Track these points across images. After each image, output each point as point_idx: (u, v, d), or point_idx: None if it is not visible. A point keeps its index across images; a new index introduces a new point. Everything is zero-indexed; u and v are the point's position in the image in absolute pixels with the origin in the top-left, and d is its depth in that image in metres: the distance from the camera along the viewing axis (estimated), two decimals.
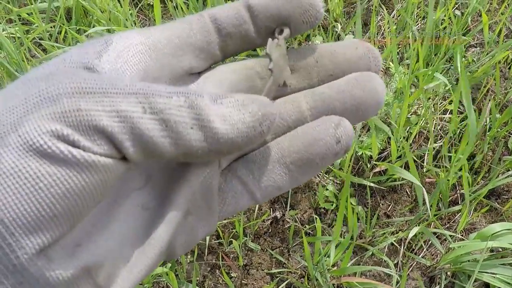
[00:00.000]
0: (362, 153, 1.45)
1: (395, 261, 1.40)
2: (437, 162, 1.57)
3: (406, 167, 1.55)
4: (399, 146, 1.46)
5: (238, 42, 0.38)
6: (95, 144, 0.27)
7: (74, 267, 0.27)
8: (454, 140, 1.57)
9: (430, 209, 1.35)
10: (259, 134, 0.31)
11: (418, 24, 1.87)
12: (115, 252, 0.31)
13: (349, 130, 0.34)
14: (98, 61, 0.31)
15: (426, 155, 1.56)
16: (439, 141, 1.60)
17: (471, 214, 1.46)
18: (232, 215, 0.36)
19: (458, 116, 1.62)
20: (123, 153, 0.28)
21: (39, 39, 1.75)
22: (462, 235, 1.44)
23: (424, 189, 1.34)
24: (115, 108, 0.27)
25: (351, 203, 1.46)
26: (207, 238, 1.29)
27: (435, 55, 1.71)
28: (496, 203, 1.52)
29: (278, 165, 0.36)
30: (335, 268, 1.33)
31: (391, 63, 1.61)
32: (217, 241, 1.38)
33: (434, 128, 1.59)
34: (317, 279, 1.28)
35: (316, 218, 1.36)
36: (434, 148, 1.50)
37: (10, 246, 0.24)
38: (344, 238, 1.30)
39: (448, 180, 1.41)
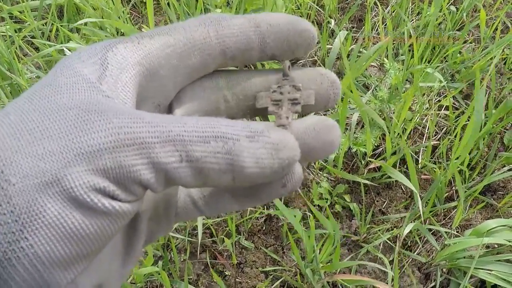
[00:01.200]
0: (357, 150, 1.44)
1: (390, 258, 1.39)
2: (432, 158, 1.57)
3: (401, 163, 1.54)
4: (393, 143, 1.46)
5: (237, 63, 0.38)
6: (132, 194, 0.29)
7: (91, 286, 0.31)
8: (450, 135, 1.56)
9: (425, 207, 1.34)
10: (277, 176, 0.32)
11: (413, 20, 1.86)
12: (109, 267, 0.34)
13: (297, 177, 0.34)
14: (100, 87, 0.31)
15: (421, 151, 1.55)
16: (433, 137, 1.59)
17: (466, 210, 1.45)
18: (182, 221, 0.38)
19: (454, 112, 1.61)
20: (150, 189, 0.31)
21: (31, 37, 1.74)
22: (457, 232, 1.43)
23: (420, 187, 1.33)
24: (152, 160, 0.28)
25: (345, 199, 1.45)
26: (200, 236, 1.28)
27: (431, 51, 1.70)
28: (492, 199, 1.52)
29: (227, 193, 0.37)
30: (328, 264, 1.32)
31: (385, 59, 1.60)
32: (211, 239, 1.37)
33: (429, 123, 1.58)
34: (309, 277, 1.27)
35: (309, 216, 1.35)
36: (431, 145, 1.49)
37: (45, 281, 0.27)
38: (336, 234, 1.29)
39: (445, 176, 1.40)
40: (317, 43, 1.77)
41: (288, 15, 0.38)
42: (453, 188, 1.50)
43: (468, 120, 1.62)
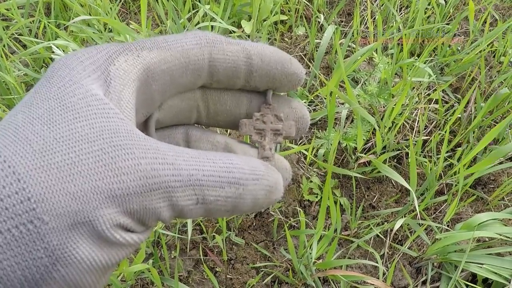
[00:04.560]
0: (347, 145, 1.44)
1: (381, 253, 1.38)
2: (422, 152, 1.56)
3: (392, 157, 1.54)
4: (384, 138, 1.45)
5: (220, 86, 0.40)
6: (147, 227, 0.33)
7: None
8: (440, 129, 1.56)
9: (419, 205, 1.33)
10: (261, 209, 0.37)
11: (401, 13, 1.85)
12: None
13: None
14: (110, 105, 0.32)
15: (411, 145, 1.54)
16: (423, 131, 1.59)
17: (457, 204, 1.45)
18: None
19: (443, 106, 1.61)
20: None
21: (18, 35, 1.73)
22: (448, 225, 1.43)
23: (411, 181, 1.32)
24: (173, 202, 0.31)
25: (335, 194, 1.45)
26: (190, 233, 1.28)
27: (420, 45, 1.70)
28: (482, 192, 1.51)
29: None
30: (321, 260, 1.31)
31: (374, 53, 1.60)
32: (201, 236, 1.36)
33: (419, 118, 1.58)
34: (302, 273, 1.26)
35: (299, 211, 1.35)
36: (422, 140, 1.49)
37: None
38: (328, 230, 1.29)
39: (436, 172, 1.40)
40: (306, 37, 1.76)
41: (281, 53, 0.40)
42: (443, 182, 1.50)
43: (459, 115, 1.62)
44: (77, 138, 0.30)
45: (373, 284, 1.25)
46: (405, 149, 1.53)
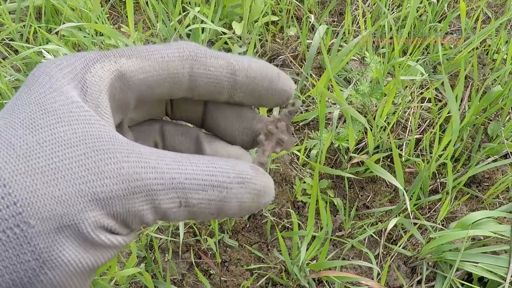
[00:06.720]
0: (339, 145, 1.43)
1: (376, 253, 1.38)
2: (415, 151, 1.56)
3: (385, 157, 1.53)
4: (376, 137, 1.45)
5: (202, 99, 0.39)
6: (131, 229, 0.33)
7: None
8: (433, 128, 1.56)
9: (410, 203, 1.33)
10: (250, 213, 0.37)
11: (393, 12, 1.85)
12: None
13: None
14: (91, 112, 0.32)
15: (404, 144, 1.54)
16: (416, 130, 1.58)
17: (452, 202, 1.44)
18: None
19: (436, 104, 1.60)
20: None
21: (9, 40, 1.72)
22: (442, 224, 1.43)
23: (404, 181, 1.32)
24: (156, 205, 0.32)
25: (328, 194, 1.44)
26: (182, 235, 1.27)
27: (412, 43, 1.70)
28: (477, 190, 1.51)
29: None
30: (314, 261, 1.31)
31: (366, 52, 1.59)
32: (194, 238, 1.36)
33: (411, 116, 1.57)
34: (296, 274, 1.26)
35: (292, 213, 1.34)
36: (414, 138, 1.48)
37: None
38: (321, 231, 1.28)
39: (429, 170, 1.40)
40: (297, 38, 1.76)
41: (269, 68, 0.38)
42: (438, 181, 1.50)
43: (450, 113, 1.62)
44: (60, 142, 0.30)
45: (367, 285, 1.25)
46: (398, 149, 1.53)
